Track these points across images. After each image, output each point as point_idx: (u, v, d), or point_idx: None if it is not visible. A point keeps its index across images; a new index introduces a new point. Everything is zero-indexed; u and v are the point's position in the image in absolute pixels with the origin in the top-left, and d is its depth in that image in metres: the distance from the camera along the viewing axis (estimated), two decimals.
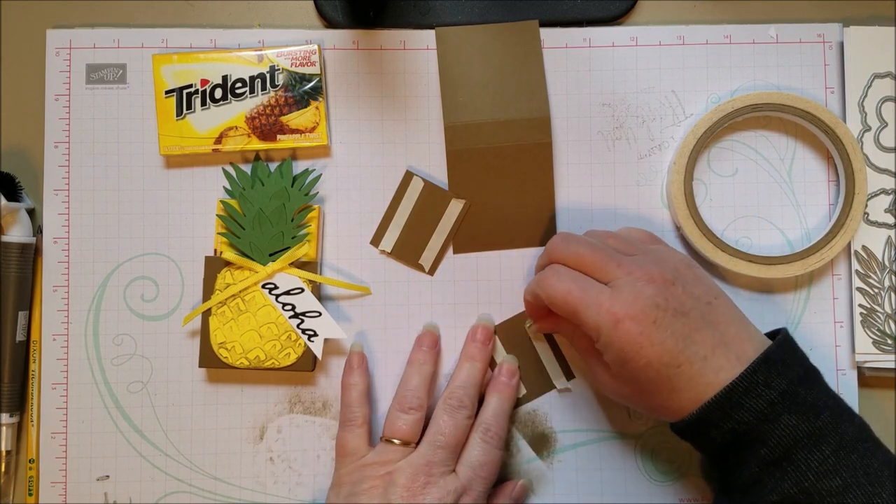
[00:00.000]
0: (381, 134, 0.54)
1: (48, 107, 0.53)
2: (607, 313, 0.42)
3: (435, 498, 0.45)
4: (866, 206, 0.53)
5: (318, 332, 0.51)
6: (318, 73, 0.52)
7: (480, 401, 0.51)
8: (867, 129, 0.53)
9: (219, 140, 0.52)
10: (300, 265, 0.52)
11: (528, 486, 0.52)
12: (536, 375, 0.53)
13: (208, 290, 0.52)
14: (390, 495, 0.45)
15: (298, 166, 0.53)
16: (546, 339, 0.53)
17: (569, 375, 0.53)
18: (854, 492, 0.39)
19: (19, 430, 0.53)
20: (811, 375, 0.43)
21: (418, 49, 0.54)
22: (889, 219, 0.53)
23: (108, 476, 0.52)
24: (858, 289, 0.53)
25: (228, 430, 0.53)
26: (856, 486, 0.39)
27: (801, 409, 0.41)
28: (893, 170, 0.53)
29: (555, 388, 0.53)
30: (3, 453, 0.52)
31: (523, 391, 0.53)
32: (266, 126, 0.52)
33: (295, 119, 0.52)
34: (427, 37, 0.54)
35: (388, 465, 0.47)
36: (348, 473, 0.48)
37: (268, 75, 0.52)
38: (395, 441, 0.48)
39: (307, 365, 0.51)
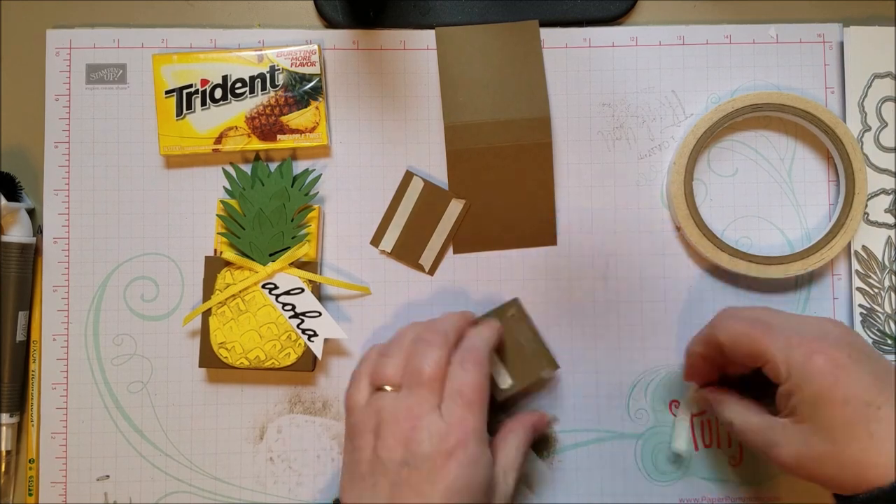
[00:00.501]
0: (381, 134, 0.54)
1: (48, 107, 0.53)
2: (799, 345, 0.40)
3: (425, 440, 0.41)
4: (866, 206, 0.53)
5: (318, 332, 0.51)
6: (318, 73, 0.52)
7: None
8: (867, 129, 0.53)
9: (219, 140, 0.52)
10: (300, 265, 0.52)
11: (549, 419, 0.51)
12: (522, 364, 0.51)
13: (208, 290, 0.52)
14: (380, 449, 0.42)
15: (298, 166, 0.53)
16: (531, 329, 0.51)
17: (553, 365, 0.51)
18: None
19: (19, 430, 0.53)
20: None
21: (418, 49, 0.54)
22: (889, 219, 0.53)
23: (108, 476, 0.52)
24: (858, 289, 0.53)
25: (228, 430, 0.53)
26: None
27: None
28: (893, 170, 0.53)
29: (541, 376, 0.51)
30: (3, 453, 0.52)
31: (509, 381, 0.51)
32: (266, 126, 0.52)
33: (295, 119, 0.52)
34: (427, 37, 0.54)
35: (376, 416, 0.43)
36: (347, 427, 0.46)
37: (268, 75, 0.52)
38: (387, 388, 0.44)
39: (307, 365, 0.51)
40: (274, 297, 0.51)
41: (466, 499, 0.41)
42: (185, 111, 0.52)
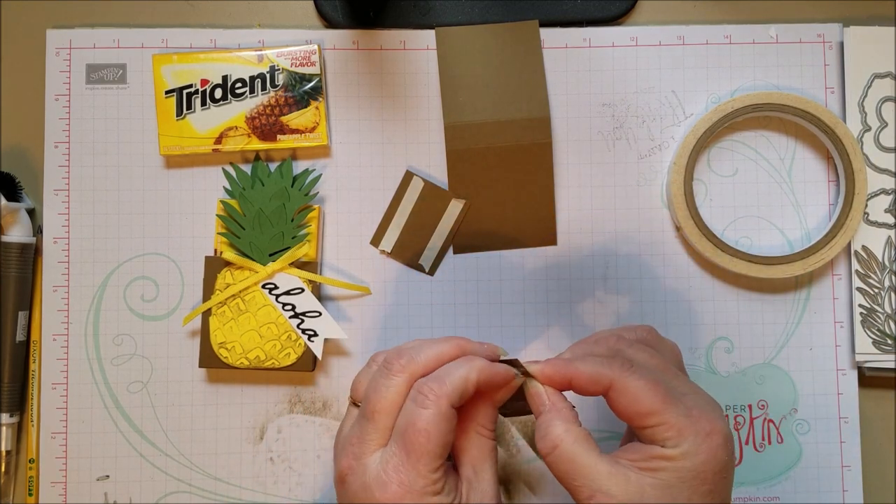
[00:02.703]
0: (381, 134, 0.54)
1: (48, 107, 0.53)
2: (700, 418, 0.38)
3: (357, 489, 0.38)
4: (866, 206, 0.53)
5: (318, 332, 0.51)
6: (318, 73, 0.52)
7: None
8: (867, 129, 0.53)
9: (219, 140, 0.52)
10: (300, 265, 0.52)
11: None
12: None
13: (208, 290, 0.52)
14: (334, 479, 0.40)
15: (298, 166, 0.54)
16: None
17: None
18: None
19: (19, 430, 0.53)
20: None
21: (418, 49, 0.54)
22: (889, 219, 0.53)
23: (108, 476, 0.52)
24: (858, 289, 0.53)
25: (228, 430, 0.53)
26: None
27: None
28: (893, 170, 0.53)
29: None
30: (3, 453, 0.52)
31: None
32: (266, 126, 0.52)
33: (295, 119, 0.52)
34: (427, 37, 0.54)
35: (339, 432, 0.41)
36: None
37: (268, 75, 0.52)
38: (357, 405, 0.41)
39: (307, 365, 0.51)
40: (274, 297, 0.51)
41: None
42: (185, 111, 0.52)
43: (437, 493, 0.38)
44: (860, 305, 0.52)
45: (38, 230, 0.54)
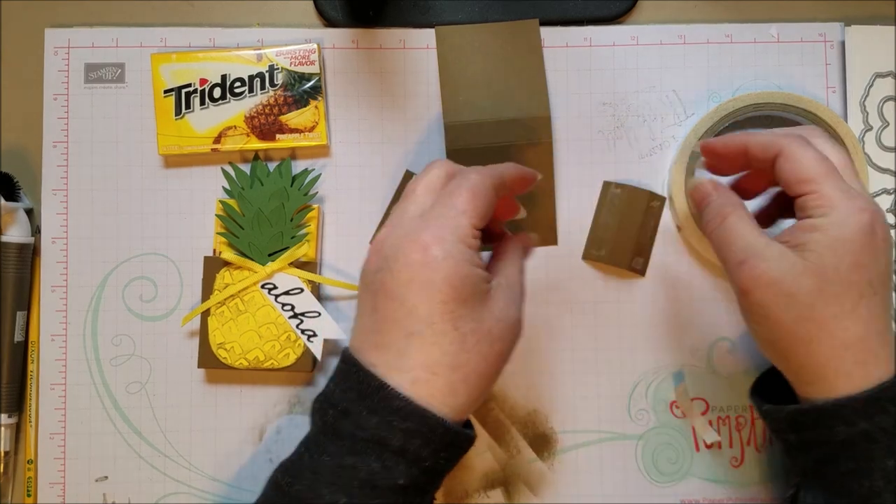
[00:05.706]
0: (381, 134, 0.54)
1: (47, 106, 0.53)
2: (856, 198, 0.38)
3: (397, 236, 0.38)
4: None
5: (317, 333, 0.51)
6: (318, 72, 0.52)
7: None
8: (868, 128, 0.53)
9: (218, 139, 0.52)
10: (299, 265, 0.52)
11: (533, 236, 0.47)
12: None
13: (207, 291, 0.52)
14: (364, 266, 0.41)
15: (298, 166, 0.53)
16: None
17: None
18: None
19: (18, 431, 0.53)
20: None
21: (418, 48, 0.54)
22: (890, 219, 0.53)
23: (106, 477, 0.52)
24: None
25: (228, 430, 0.53)
26: None
27: None
28: (894, 169, 0.53)
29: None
30: (2, 454, 0.52)
31: None
32: (265, 125, 0.52)
33: (294, 118, 0.52)
34: (427, 36, 0.54)
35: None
36: None
37: (267, 74, 0.52)
38: None
39: (307, 365, 0.51)
40: (273, 297, 0.51)
41: (451, 297, 0.36)
42: (183, 110, 0.52)
43: (475, 249, 0.38)
44: None
45: (36, 230, 0.53)
